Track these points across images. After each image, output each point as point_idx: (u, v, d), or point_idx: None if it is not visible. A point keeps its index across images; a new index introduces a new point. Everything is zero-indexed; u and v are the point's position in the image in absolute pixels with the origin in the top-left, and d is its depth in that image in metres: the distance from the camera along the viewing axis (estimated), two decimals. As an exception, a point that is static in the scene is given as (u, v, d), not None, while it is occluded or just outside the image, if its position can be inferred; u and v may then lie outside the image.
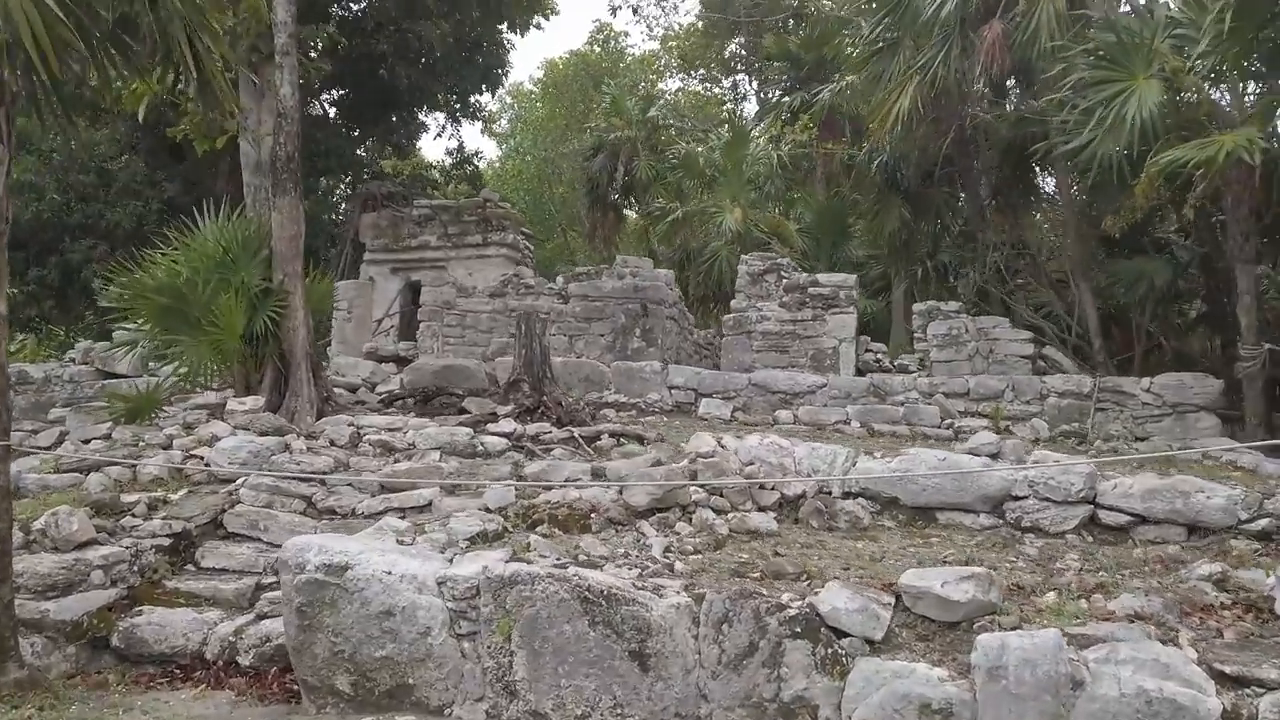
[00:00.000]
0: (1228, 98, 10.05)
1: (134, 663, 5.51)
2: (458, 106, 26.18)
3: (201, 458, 7.21)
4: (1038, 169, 12.71)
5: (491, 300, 12.75)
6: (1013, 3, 10.20)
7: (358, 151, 23.58)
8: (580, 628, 4.14)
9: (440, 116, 26.55)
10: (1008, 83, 13.48)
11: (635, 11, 32.23)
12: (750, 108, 27.09)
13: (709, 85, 29.30)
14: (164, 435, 7.63)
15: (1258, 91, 9.84)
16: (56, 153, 17.85)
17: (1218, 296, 11.41)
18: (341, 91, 23.39)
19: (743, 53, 26.31)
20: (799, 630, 3.94)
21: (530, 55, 49.74)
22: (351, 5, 20.96)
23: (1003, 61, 9.78)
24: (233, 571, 6.19)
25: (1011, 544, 5.28)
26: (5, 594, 4.95)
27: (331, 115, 24.20)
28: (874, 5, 13.34)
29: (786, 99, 20.42)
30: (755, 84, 26.66)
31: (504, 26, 22.70)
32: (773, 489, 6.04)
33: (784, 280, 11.81)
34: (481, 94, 26.20)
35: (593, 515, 5.76)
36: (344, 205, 18.05)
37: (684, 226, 17.68)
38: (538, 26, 23.31)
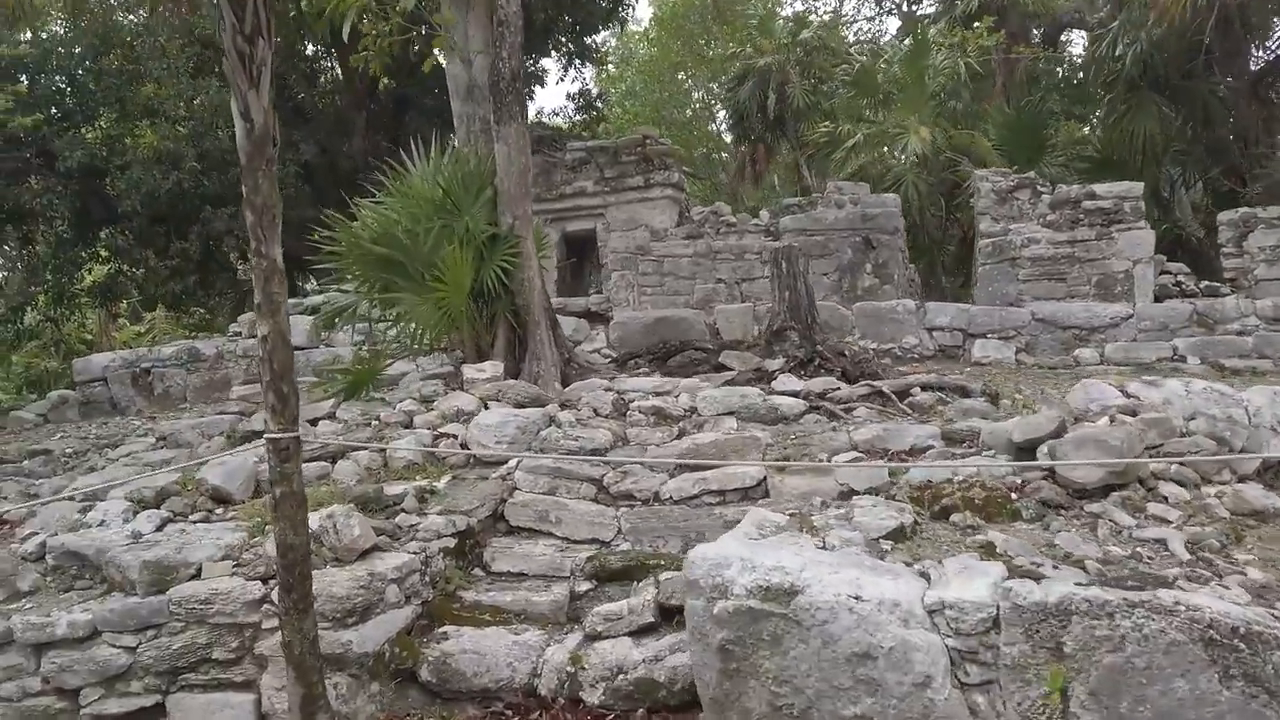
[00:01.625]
0: None
1: (447, 699, 4.40)
2: (572, 48, 24.66)
3: (455, 436, 6.08)
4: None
5: (691, 243, 11.35)
6: None
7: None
8: (1205, 684, 2.76)
9: (558, 59, 25.09)
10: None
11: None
12: (893, 23, 24.87)
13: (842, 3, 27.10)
14: (400, 411, 6.54)
15: None
16: (189, 118, 17.10)
17: None
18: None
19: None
20: None
21: (629, -6, 47.11)
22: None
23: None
24: (535, 577, 5.04)
25: None
26: (308, 628, 3.85)
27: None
28: None
29: (959, 3, 18.28)
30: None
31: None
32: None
33: (1042, 196, 10.09)
34: (599, 33, 24.68)
35: (1015, 496, 4.38)
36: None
37: (860, 152, 15.93)
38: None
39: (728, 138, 33.55)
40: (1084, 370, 7.89)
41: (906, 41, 20.12)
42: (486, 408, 6.35)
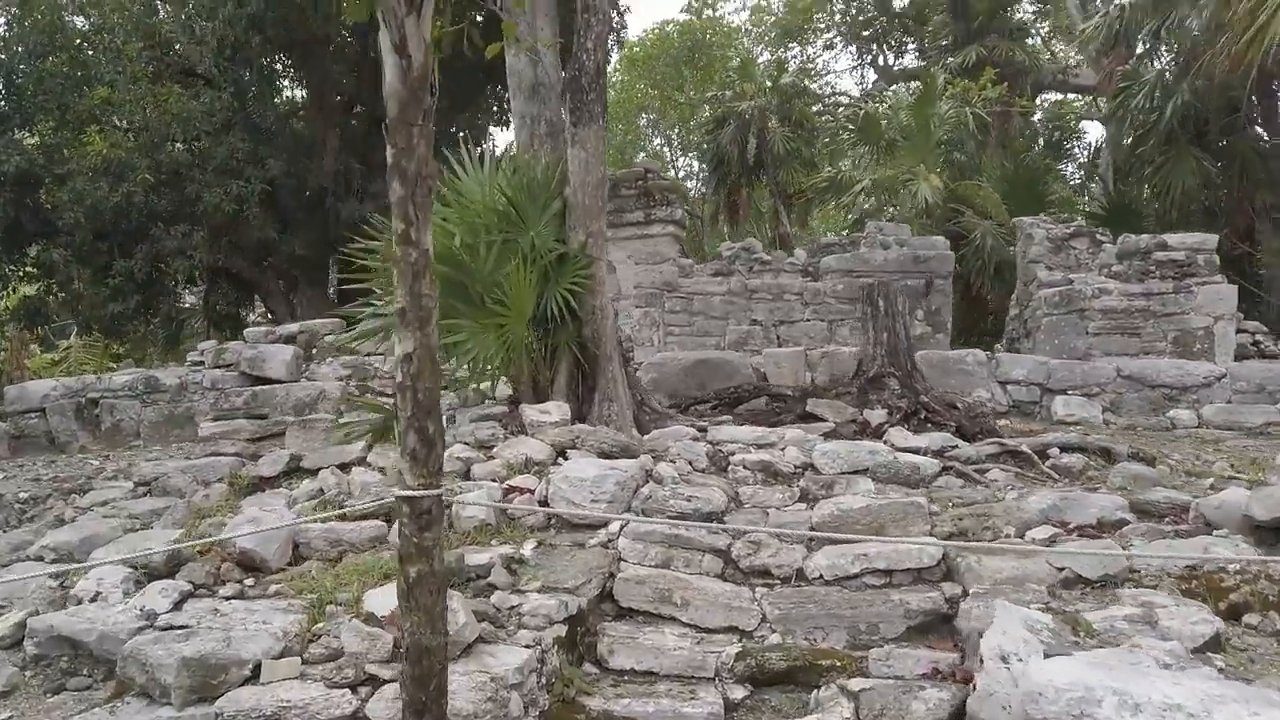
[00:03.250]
0: None
1: None
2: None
3: (530, 491, 5.01)
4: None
5: (724, 280, 10.46)
6: None
7: (460, 131, 21.35)
8: None
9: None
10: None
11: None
12: (869, 75, 24.84)
13: (814, 55, 27.00)
14: (454, 459, 5.42)
15: None
16: (145, 129, 15.61)
17: None
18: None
19: (866, 14, 23.92)
20: None
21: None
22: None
23: None
24: (669, 677, 3.98)
25: None
26: (441, 765, 2.75)
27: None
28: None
29: (951, 58, 18.08)
30: (875, 47, 24.30)
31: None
32: None
33: (1102, 245, 9.54)
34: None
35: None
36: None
37: (870, 196, 15.39)
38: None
39: (690, 184, 33.16)
40: (1183, 432, 7.22)
41: (893, 89, 19.92)
42: (565, 457, 5.30)
